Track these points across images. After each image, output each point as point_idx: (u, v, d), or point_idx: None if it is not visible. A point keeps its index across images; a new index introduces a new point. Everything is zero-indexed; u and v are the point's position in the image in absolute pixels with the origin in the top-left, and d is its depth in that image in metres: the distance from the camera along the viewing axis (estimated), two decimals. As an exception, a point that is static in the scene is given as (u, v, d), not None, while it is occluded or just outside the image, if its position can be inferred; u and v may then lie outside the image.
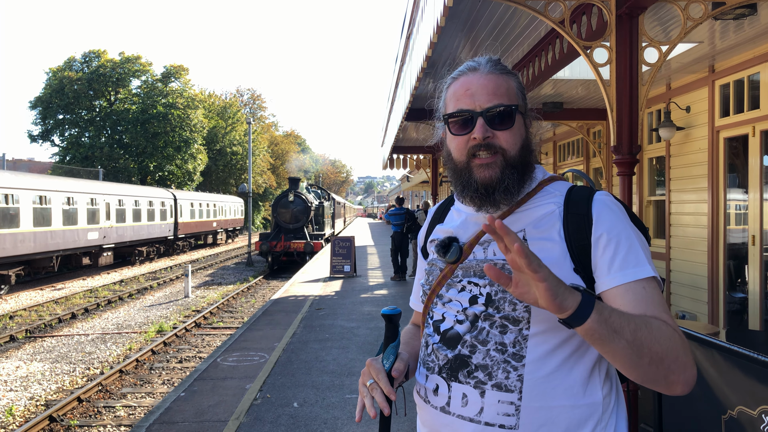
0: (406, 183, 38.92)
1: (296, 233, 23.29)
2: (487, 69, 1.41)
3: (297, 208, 23.60)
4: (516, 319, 1.30)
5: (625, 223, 1.33)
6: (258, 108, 68.01)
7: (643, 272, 1.27)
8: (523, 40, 6.41)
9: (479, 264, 1.37)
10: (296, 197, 23.71)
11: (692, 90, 7.46)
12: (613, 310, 1.16)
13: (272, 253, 22.42)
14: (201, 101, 44.14)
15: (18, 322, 13.19)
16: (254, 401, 5.69)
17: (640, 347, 1.14)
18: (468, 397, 1.31)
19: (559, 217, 1.35)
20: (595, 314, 1.12)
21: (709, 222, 7.04)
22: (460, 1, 4.88)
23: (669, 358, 1.16)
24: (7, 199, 16.80)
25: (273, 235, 22.92)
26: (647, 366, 1.16)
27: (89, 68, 39.88)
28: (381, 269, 17.87)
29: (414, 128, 12.87)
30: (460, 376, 1.33)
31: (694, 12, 4.40)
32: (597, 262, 1.29)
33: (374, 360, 1.38)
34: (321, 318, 9.88)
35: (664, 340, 1.16)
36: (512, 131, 1.36)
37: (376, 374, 1.33)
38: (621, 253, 1.28)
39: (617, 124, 4.27)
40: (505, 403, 1.28)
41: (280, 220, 23.52)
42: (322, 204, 27.94)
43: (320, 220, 27.27)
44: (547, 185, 1.42)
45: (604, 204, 1.35)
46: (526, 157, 1.39)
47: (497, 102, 1.35)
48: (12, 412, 7.47)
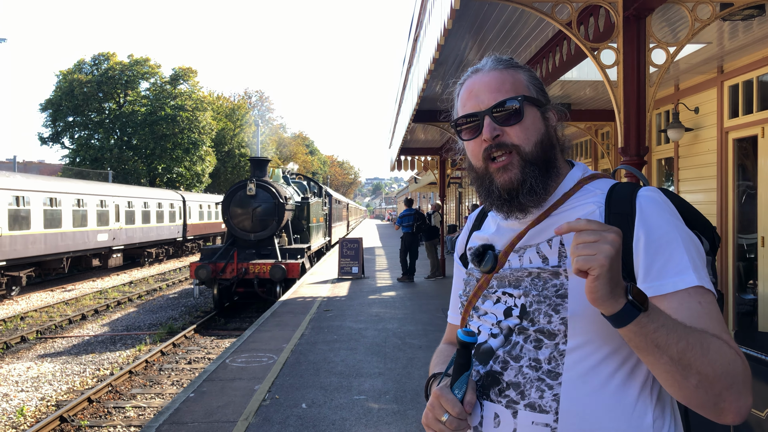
0: (414, 184, 38.89)
1: (260, 248, 14.78)
2: (489, 66, 1.35)
3: (261, 208, 14.82)
4: (552, 332, 1.20)
5: (671, 222, 1.20)
6: (266, 110, 68.28)
7: (683, 282, 1.13)
8: (531, 42, 6.41)
9: (514, 273, 1.28)
10: (261, 190, 14.94)
11: (701, 91, 7.43)
12: (666, 321, 1.05)
13: (218, 282, 13.84)
14: (209, 103, 44.32)
15: (29, 323, 13.30)
16: (263, 402, 5.72)
17: (687, 367, 1.04)
18: (500, 417, 1.22)
19: (600, 217, 1.24)
20: (634, 326, 1.03)
21: (717, 223, 7.01)
22: (467, 3, 4.90)
23: (722, 384, 1.04)
24: (19, 201, 16.94)
25: (221, 252, 14.25)
26: (694, 389, 1.05)
27: (99, 71, 40.13)
28: (389, 271, 17.88)
29: (422, 130, 12.89)
30: (492, 395, 1.23)
31: (701, 13, 4.40)
32: (637, 268, 1.18)
33: (444, 390, 1.21)
34: (329, 319, 9.90)
35: (722, 363, 1.05)
36: (523, 125, 1.27)
37: (451, 408, 1.18)
38: (661, 259, 1.16)
39: (625, 125, 4.27)
40: (539, 425, 1.18)
41: (234, 226, 14.80)
42: (306, 202, 18.49)
43: (302, 225, 18.04)
44: (587, 183, 1.31)
45: (650, 200, 1.22)
46: (547, 152, 1.29)
47: (502, 97, 1.27)
48: (23, 412, 7.54)
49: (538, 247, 1.28)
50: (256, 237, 14.82)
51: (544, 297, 1.22)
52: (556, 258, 1.24)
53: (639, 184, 1.30)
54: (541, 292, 1.22)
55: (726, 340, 1.09)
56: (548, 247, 1.26)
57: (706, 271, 1.19)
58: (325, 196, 23.90)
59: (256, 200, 14.82)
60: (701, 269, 1.16)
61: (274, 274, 13.55)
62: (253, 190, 14.75)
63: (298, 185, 20.83)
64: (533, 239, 1.29)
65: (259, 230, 14.82)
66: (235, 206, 14.84)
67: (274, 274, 13.56)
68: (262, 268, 13.77)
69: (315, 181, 23.44)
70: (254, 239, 14.79)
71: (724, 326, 1.12)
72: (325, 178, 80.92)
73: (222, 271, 13.67)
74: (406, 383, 6.28)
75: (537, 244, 1.28)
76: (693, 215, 1.33)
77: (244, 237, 14.77)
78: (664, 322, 1.05)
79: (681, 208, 1.29)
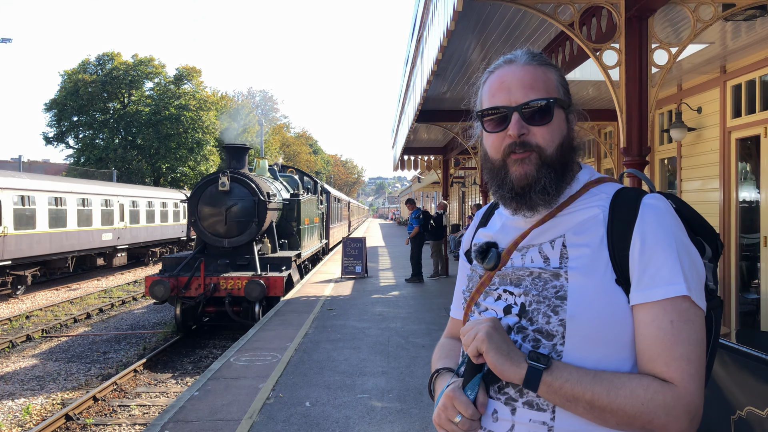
0: (417, 184, 38.93)
1: (236, 257, 11.94)
2: (524, 60, 1.31)
3: (237, 206, 11.97)
4: (550, 333, 1.20)
5: (668, 231, 1.19)
6: (270, 109, 68.37)
7: (671, 291, 1.15)
8: (534, 42, 6.43)
9: (515, 272, 1.29)
10: (237, 184, 12.07)
11: (703, 91, 7.44)
12: (569, 377, 1.14)
13: (180, 301, 11.00)
14: (213, 103, 44.41)
15: (34, 322, 13.37)
16: (267, 400, 5.76)
17: (601, 412, 1.12)
18: (498, 413, 1.23)
19: (603, 222, 1.24)
20: (542, 386, 1.14)
21: (720, 223, 7.01)
22: (470, 5, 4.92)
23: (640, 421, 1.11)
24: (24, 200, 17.03)
25: (185, 263, 11.36)
26: (617, 425, 1.14)
27: (103, 70, 40.29)
28: (392, 270, 17.91)
29: (425, 129, 12.92)
30: (491, 391, 1.25)
31: (704, 14, 4.41)
32: (632, 275, 1.19)
33: (457, 391, 1.23)
34: (333, 318, 9.94)
35: (633, 405, 1.11)
36: (550, 127, 1.27)
37: (464, 409, 1.20)
38: (653, 267, 1.17)
39: (627, 125, 4.29)
40: (537, 423, 1.19)
41: (204, 230, 11.93)
42: (297, 200, 15.20)
43: (291, 228, 14.86)
44: (593, 187, 1.31)
45: (652, 208, 1.22)
46: (566, 155, 1.29)
47: (534, 96, 1.26)
48: (29, 410, 7.59)
49: (541, 247, 1.29)
50: (231, 243, 11.77)
51: (543, 297, 1.23)
52: (557, 259, 1.25)
53: (645, 190, 1.31)
54: (540, 293, 1.24)
55: (660, 372, 1.13)
56: (550, 248, 1.27)
57: (699, 282, 1.19)
58: (321, 193, 20.93)
59: (230, 197, 11.85)
60: (692, 280, 1.17)
61: (249, 292, 10.58)
62: (226, 184, 11.68)
63: (289, 180, 17.37)
64: (536, 239, 1.30)
65: (234, 235, 11.82)
66: (205, 205, 11.86)
67: (249, 291, 10.59)
68: (235, 283, 10.83)
69: (310, 175, 20.25)
70: (228, 246, 11.76)
71: (686, 349, 1.14)
72: (329, 177, 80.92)
73: (185, 287, 10.82)
74: (409, 382, 6.31)
75: (540, 244, 1.29)
76: (698, 222, 1.32)
77: (215, 243, 11.80)
78: (568, 377, 1.13)
79: (687, 215, 1.30)
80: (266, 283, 10.81)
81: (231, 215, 11.82)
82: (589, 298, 1.19)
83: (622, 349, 1.19)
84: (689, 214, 1.32)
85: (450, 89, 9.01)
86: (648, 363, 1.16)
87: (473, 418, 1.20)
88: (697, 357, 1.14)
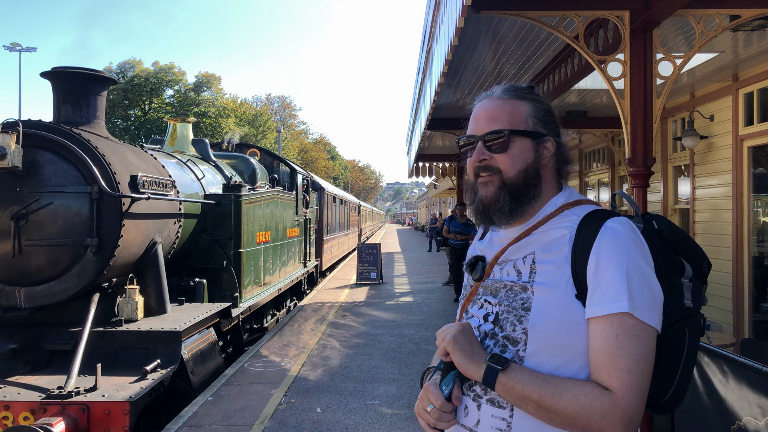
0: (433, 190, 38.99)
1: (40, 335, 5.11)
2: (497, 94, 1.47)
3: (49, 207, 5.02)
4: (515, 339, 1.34)
5: (623, 252, 1.28)
6: (288, 116, 68.88)
7: (617, 307, 1.24)
8: (544, 51, 6.48)
9: (494, 284, 1.44)
10: (47, 153, 5.07)
11: (716, 99, 7.42)
12: (522, 379, 1.27)
13: None
14: (232, 110, 44.95)
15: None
16: (279, 406, 5.86)
17: (547, 412, 1.25)
18: (468, 408, 1.39)
19: (569, 241, 1.34)
20: (498, 385, 1.29)
21: (732, 231, 6.98)
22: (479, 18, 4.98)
23: (580, 423, 1.23)
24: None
25: None
26: (562, 425, 1.25)
27: (125, 78, 41.03)
28: (407, 276, 17.97)
29: (440, 137, 12.98)
30: (464, 388, 1.41)
31: (708, 25, 4.44)
32: (588, 290, 1.29)
33: (432, 385, 1.41)
34: (346, 325, 10.03)
35: (573, 408, 1.22)
36: (510, 154, 1.40)
37: (435, 400, 1.37)
38: (602, 285, 1.27)
39: (632, 136, 4.33)
40: (497, 419, 1.34)
41: None
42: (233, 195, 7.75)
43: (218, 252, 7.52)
44: (568, 209, 1.41)
45: (610, 231, 1.30)
46: (529, 179, 1.41)
47: (496, 127, 1.41)
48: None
49: (515, 263, 1.42)
50: (32, 300, 5.10)
51: (512, 308, 1.37)
52: (527, 274, 1.38)
53: (613, 213, 1.39)
54: (510, 303, 1.38)
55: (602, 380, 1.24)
56: (522, 263, 1.41)
57: (650, 301, 1.27)
58: (308, 189, 13.55)
59: (30, 185, 5.02)
60: (639, 299, 1.25)
61: None
62: (12, 154, 4.72)
63: (238, 164, 10.11)
64: (513, 254, 1.44)
65: (41, 278, 5.13)
66: None
67: None
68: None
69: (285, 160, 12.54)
70: (25, 307, 5.09)
71: (627, 362, 1.23)
72: (347, 183, 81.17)
73: None
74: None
75: (515, 259, 1.43)
76: (681, 242, 1.41)
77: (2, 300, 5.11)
78: (520, 379, 1.27)
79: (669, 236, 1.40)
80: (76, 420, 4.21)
81: (30, 229, 5.01)
82: (549, 310, 1.32)
83: (579, 357, 1.30)
84: (671, 235, 1.41)
85: (463, 97, 9.07)
86: (595, 371, 1.27)
87: (444, 410, 1.36)
88: (639, 369, 1.24)
